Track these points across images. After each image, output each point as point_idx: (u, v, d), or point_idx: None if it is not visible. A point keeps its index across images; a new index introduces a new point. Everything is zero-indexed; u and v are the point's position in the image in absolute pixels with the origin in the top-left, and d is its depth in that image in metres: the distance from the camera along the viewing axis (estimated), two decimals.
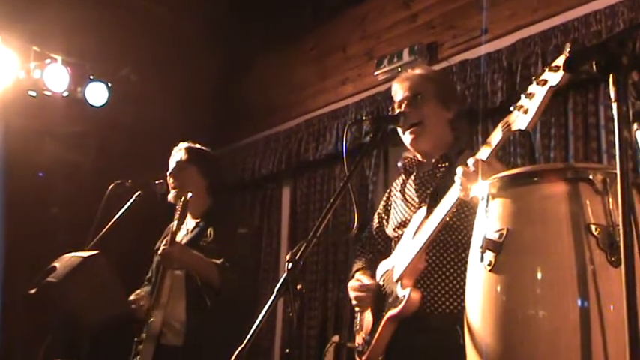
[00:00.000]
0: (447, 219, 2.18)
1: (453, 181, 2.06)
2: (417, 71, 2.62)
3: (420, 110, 2.49)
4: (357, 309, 2.63)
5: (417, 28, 4.90)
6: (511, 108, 1.81)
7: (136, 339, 3.22)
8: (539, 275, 1.51)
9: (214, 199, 3.50)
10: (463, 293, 2.23)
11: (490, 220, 1.63)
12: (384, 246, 2.75)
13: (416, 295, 2.30)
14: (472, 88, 4.25)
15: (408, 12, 5.00)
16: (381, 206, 2.82)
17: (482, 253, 1.60)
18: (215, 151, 3.61)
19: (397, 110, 2.55)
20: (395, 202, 2.69)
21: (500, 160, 2.13)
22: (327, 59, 5.69)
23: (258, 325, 1.82)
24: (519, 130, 1.81)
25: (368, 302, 2.55)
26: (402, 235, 2.50)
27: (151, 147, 5.39)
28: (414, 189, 2.58)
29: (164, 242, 3.26)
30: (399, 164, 2.71)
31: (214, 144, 3.62)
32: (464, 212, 2.33)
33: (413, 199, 2.56)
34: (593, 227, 1.50)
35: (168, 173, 3.50)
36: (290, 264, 1.92)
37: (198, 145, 3.57)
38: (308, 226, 5.43)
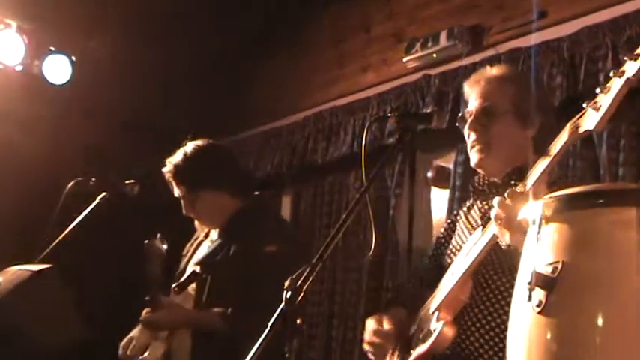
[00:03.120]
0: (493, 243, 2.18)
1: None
2: (493, 72, 2.62)
3: (489, 128, 2.51)
4: (369, 355, 2.64)
5: (459, 7, 4.93)
6: (584, 105, 1.82)
7: None
8: (600, 321, 1.48)
9: (241, 201, 3.50)
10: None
11: (542, 250, 1.60)
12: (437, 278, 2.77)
13: (448, 330, 2.31)
14: None
15: None
16: (442, 231, 2.85)
17: (531, 290, 1.57)
18: None
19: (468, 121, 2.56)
20: (459, 227, 2.72)
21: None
22: (346, 41, 5.70)
23: None
24: (587, 132, 1.81)
25: (384, 351, 2.57)
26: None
27: (121, 138, 5.37)
28: (479, 209, 2.62)
29: (148, 298, 3.25)
30: (471, 185, 2.71)
31: (198, 138, 3.60)
32: None
33: (476, 221, 2.60)
34: None
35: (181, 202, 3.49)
36: (289, 293, 1.95)
37: (185, 155, 3.47)
38: (312, 245, 5.43)
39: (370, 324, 2.62)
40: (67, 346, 2.75)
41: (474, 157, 2.54)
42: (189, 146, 3.49)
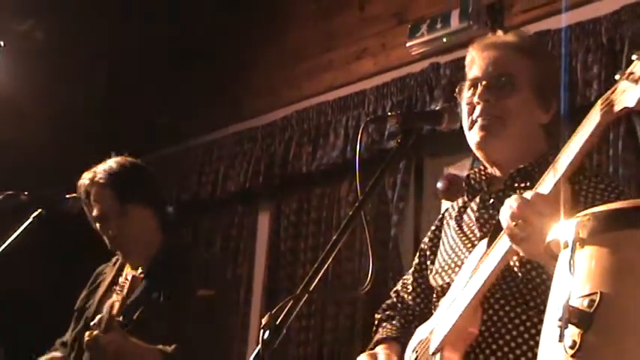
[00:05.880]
0: (512, 263, 2.20)
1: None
2: (510, 39, 2.63)
3: (503, 101, 2.51)
4: None
5: None
6: (616, 77, 1.81)
7: None
8: None
9: (164, 235, 3.69)
10: None
11: (576, 279, 1.58)
12: (425, 302, 2.77)
13: None
14: None
15: None
16: (426, 240, 2.85)
17: (563, 328, 1.55)
18: (154, 154, 3.64)
19: (468, 91, 2.57)
20: (445, 235, 2.72)
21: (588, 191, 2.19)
22: (335, 20, 5.71)
23: None
24: (625, 110, 1.78)
25: None
26: (449, 284, 2.50)
27: (60, 142, 5.35)
28: (476, 216, 2.61)
29: (97, 321, 3.30)
30: (465, 182, 2.71)
31: (153, 143, 3.63)
32: None
33: (472, 232, 2.59)
34: None
35: (97, 224, 3.63)
36: (267, 332, 1.92)
37: (117, 163, 3.64)
38: (295, 272, 5.46)
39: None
40: None
41: (476, 135, 2.53)
42: (119, 158, 3.69)
